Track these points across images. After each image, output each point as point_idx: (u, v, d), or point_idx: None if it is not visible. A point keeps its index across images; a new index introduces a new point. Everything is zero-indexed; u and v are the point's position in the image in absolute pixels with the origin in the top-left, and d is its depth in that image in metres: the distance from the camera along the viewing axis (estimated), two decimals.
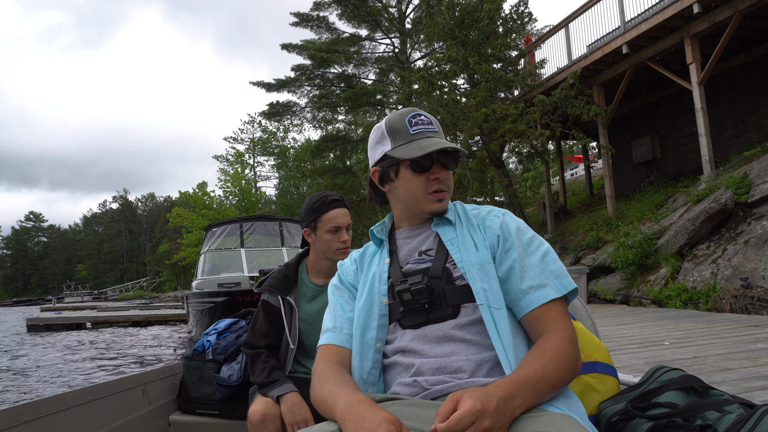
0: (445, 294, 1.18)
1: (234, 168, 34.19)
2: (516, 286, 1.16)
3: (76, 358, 9.47)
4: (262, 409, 1.78)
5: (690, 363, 2.98)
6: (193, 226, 29.49)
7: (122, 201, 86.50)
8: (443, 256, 1.23)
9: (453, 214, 1.30)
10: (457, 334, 1.15)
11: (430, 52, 21.73)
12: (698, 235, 7.48)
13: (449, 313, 1.17)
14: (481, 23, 12.10)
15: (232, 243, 9.59)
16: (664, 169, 12.53)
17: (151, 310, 20.59)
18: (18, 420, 1.64)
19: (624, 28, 10.37)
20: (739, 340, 3.74)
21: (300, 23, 22.42)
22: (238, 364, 2.37)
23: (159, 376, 2.50)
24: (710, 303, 6.18)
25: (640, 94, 13.01)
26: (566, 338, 1.09)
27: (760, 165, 7.85)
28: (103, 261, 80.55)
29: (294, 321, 2.03)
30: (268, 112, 24.98)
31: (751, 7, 8.53)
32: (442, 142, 1.23)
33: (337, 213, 1.98)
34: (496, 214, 1.27)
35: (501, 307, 1.14)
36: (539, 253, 1.18)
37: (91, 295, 52.70)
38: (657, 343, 3.87)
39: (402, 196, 1.29)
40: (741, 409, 1.04)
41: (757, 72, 10.52)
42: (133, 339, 12.58)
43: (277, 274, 2.11)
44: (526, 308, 1.14)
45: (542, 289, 1.13)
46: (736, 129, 10.92)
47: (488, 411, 0.90)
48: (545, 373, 1.02)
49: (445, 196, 1.26)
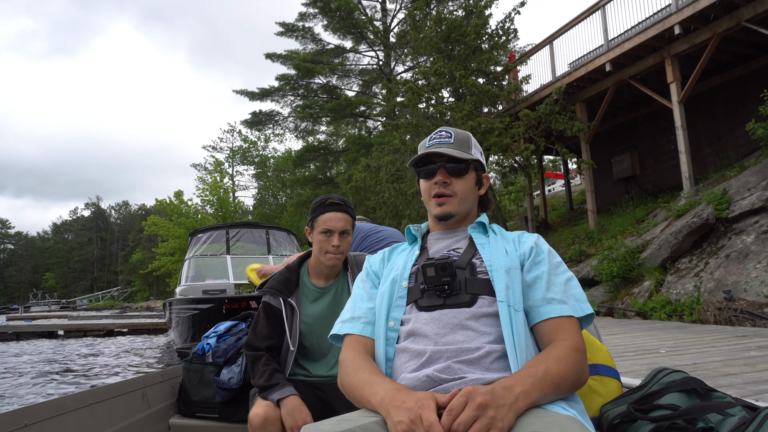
0: (466, 283, 1.22)
1: (213, 176, 33.77)
2: (540, 294, 1.20)
3: (46, 369, 9.13)
4: (263, 412, 1.77)
5: (691, 369, 3.01)
6: (169, 234, 28.92)
7: (94, 208, 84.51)
8: (471, 252, 1.30)
9: (488, 228, 1.39)
10: (471, 324, 1.18)
11: (414, 66, 21.96)
12: (681, 249, 7.63)
13: (466, 300, 1.20)
14: (468, 38, 12.28)
15: (218, 249, 9.42)
16: (643, 186, 12.81)
17: (125, 319, 20.06)
18: (18, 423, 1.63)
19: (607, 46, 10.64)
20: (731, 349, 3.80)
21: (285, 33, 22.44)
22: (238, 367, 2.34)
23: (159, 379, 2.49)
24: (695, 315, 6.29)
25: (621, 112, 13.33)
26: (572, 346, 1.12)
27: (738, 182, 8.08)
28: (73, 270, 78.31)
29: (295, 323, 2.01)
30: (250, 121, 24.83)
31: (728, 31, 8.85)
32: (440, 148, 1.33)
33: (331, 216, 1.97)
34: (531, 235, 1.37)
35: (519, 309, 1.18)
36: (564, 277, 1.24)
37: (59, 305, 51.16)
38: (653, 351, 3.90)
39: (424, 200, 1.42)
40: (744, 412, 1.03)
41: (733, 93, 10.89)
42: (110, 349, 12.21)
43: (279, 276, 2.09)
44: (544, 315, 1.17)
45: (562, 305, 1.18)
46: (713, 147, 11.25)
47: (479, 391, 0.95)
48: (547, 371, 1.05)
49: (447, 200, 1.34)
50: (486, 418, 0.92)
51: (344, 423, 1.02)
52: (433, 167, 1.35)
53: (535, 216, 14.59)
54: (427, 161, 1.37)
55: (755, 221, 7.03)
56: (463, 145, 1.37)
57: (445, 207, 1.34)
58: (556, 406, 1.04)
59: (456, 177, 1.34)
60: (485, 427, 0.91)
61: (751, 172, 8.04)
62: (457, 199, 1.35)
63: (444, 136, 1.37)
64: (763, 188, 7.25)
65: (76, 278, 77.66)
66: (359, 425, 1.00)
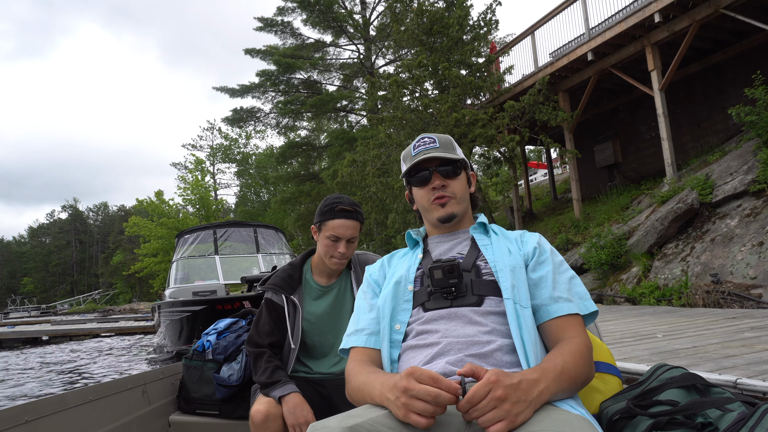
0: (472, 285, 1.24)
1: (194, 175, 33.35)
2: (547, 293, 1.22)
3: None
4: (264, 409, 1.78)
5: (693, 352, 3.06)
6: (151, 235, 28.53)
7: (72, 211, 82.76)
8: (475, 254, 1.31)
9: (489, 228, 1.40)
10: (480, 319, 1.19)
11: (395, 59, 21.89)
12: (667, 235, 7.77)
13: (473, 301, 1.22)
14: (451, 29, 12.27)
15: (205, 250, 9.29)
16: (626, 173, 12.99)
17: (111, 323, 19.76)
18: (19, 420, 1.65)
19: (589, 35, 10.72)
20: (726, 331, 3.88)
21: (264, 28, 22.16)
22: (238, 364, 2.35)
23: (159, 376, 2.50)
24: (683, 299, 6.41)
25: (602, 101, 13.48)
26: (583, 343, 1.15)
27: (720, 167, 8.24)
28: (51, 274, 76.66)
29: (297, 320, 2.01)
30: (231, 118, 24.54)
31: (706, 18, 8.98)
32: (429, 154, 1.35)
33: (340, 223, 1.96)
34: (533, 234, 1.37)
35: (527, 306, 1.20)
36: (567, 275, 1.27)
37: (39, 310, 50.17)
38: (650, 335, 3.96)
39: (420, 209, 1.43)
40: (743, 407, 1.04)
41: (711, 79, 11.08)
42: (98, 354, 12.00)
43: (282, 273, 2.09)
44: (553, 313, 1.19)
45: (569, 303, 1.20)
46: (692, 134, 11.44)
47: (503, 383, 0.94)
48: (565, 366, 1.07)
49: (448, 201, 1.35)
50: (501, 411, 0.93)
51: (351, 419, 1.01)
52: (425, 173, 1.36)
53: (520, 206, 14.71)
54: (418, 169, 1.38)
55: (738, 205, 7.18)
56: (449, 147, 1.39)
57: (447, 208, 1.36)
58: (565, 404, 1.05)
59: (450, 179, 1.37)
60: (499, 418, 0.93)
61: (732, 156, 8.20)
62: (456, 200, 1.37)
63: (428, 142, 1.38)
64: (745, 172, 7.41)
65: (55, 282, 76.08)
66: (367, 419, 1.00)
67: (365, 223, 15.93)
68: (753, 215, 6.75)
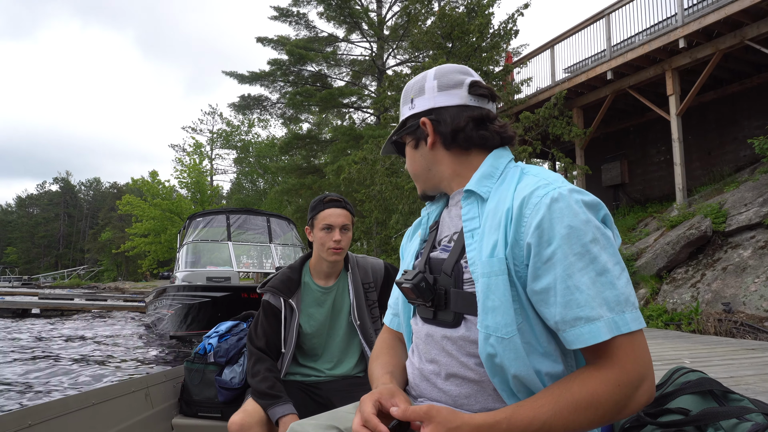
0: (450, 297, 1.00)
1: (192, 158, 33.09)
2: (558, 312, 0.86)
3: None
4: (239, 420, 1.83)
5: (734, 383, 3.04)
6: (143, 215, 28.28)
7: (63, 184, 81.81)
8: (459, 249, 1.02)
9: (494, 182, 1.02)
10: (451, 350, 1.00)
11: (408, 59, 21.84)
12: (677, 259, 7.79)
13: (449, 321, 1.00)
14: (471, 35, 12.25)
15: (217, 235, 9.15)
16: (631, 194, 13.05)
17: (100, 300, 19.52)
18: (22, 424, 1.68)
19: (610, 54, 10.75)
20: (755, 362, 3.87)
21: (279, 17, 22.03)
22: (240, 366, 2.39)
23: (161, 379, 2.55)
24: (693, 325, 6.42)
25: (613, 120, 13.53)
26: (612, 380, 0.82)
27: (733, 197, 8.28)
28: (37, 245, 75.76)
29: (293, 324, 2.04)
30: (238, 104, 24.39)
31: (730, 48, 9.03)
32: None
33: (331, 212, 2.02)
34: (540, 202, 0.89)
35: (510, 335, 0.89)
36: (591, 272, 0.84)
37: (21, 281, 49.63)
38: (675, 360, 3.94)
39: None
40: (761, 417, 0.99)
41: (725, 109, 11.15)
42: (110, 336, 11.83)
43: (281, 275, 2.12)
44: (571, 344, 0.86)
45: (592, 324, 0.83)
46: (701, 161, 11.51)
47: (436, 419, 0.81)
48: (551, 426, 0.81)
49: (415, 183, 1.25)
50: None
51: (328, 419, 1.03)
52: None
53: None
54: None
55: (751, 236, 7.21)
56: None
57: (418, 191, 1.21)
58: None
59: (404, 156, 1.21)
60: None
61: (746, 187, 8.24)
62: (419, 181, 1.18)
63: None
64: (760, 204, 7.44)
65: (40, 254, 75.21)
66: (343, 427, 0.98)
67: (365, 222, 15.90)
68: (767, 248, 6.78)
